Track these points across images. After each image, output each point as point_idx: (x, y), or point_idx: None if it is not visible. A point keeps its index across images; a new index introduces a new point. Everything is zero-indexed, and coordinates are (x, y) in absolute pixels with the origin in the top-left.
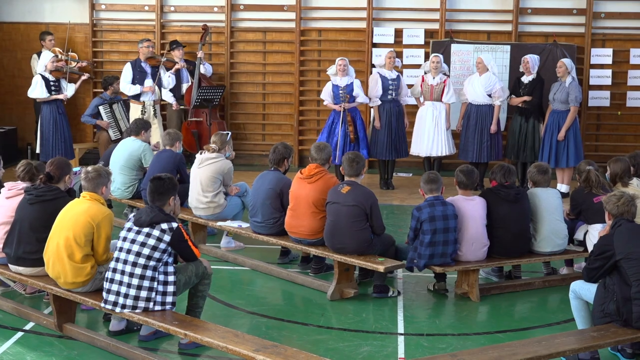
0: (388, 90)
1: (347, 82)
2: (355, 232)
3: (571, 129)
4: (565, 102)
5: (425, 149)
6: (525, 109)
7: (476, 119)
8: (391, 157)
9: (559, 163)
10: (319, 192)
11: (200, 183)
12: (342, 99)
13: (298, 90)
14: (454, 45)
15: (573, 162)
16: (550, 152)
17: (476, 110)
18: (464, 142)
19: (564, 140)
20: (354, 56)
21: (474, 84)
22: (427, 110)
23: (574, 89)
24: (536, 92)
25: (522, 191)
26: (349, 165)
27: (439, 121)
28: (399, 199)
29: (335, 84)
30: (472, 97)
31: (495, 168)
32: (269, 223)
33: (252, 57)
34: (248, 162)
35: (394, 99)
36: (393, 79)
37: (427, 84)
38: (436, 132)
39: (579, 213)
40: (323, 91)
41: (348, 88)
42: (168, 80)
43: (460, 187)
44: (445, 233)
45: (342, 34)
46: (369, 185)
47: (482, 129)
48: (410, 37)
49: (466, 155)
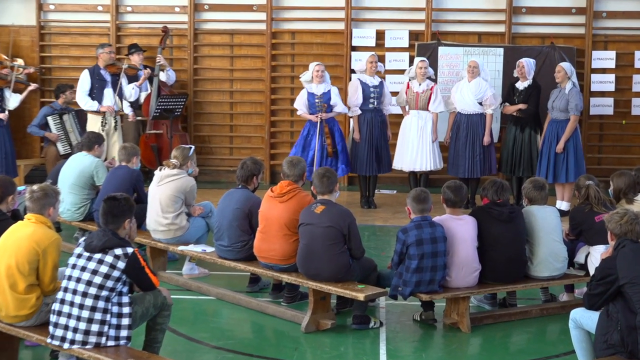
0: (369, 98)
1: (324, 89)
2: (332, 257)
3: (571, 140)
4: (564, 111)
5: (408, 162)
6: (520, 118)
7: (467, 130)
8: (372, 173)
9: (557, 178)
10: (291, 212)
11: (159, 203)
12: (318, 108)
13: (269, 99)
14: (441, 49)
15: (573, 176)
16: (549, 166)
17: (466, 120)
18: (453, 156)
19: (563, 153)
20: (331, 61)
21: (462, 91)
22: (412, 121)
23: (575, 96)
24: (532, 99)
25: (516, 209)
26: (319, 182)
27: (424, 132)
28: (382, 219)
29: (311, 91)
30: (461, 106)
31: (486, 184)
32: (237, 247)
33: (218, 62)
34: (213, 179)
35: (376, 108)
36: (375, 86)
37: (412, 92)
38: (421, 144)
39: (580, 233)
40: (297, 100)
41: (325, 96)
42: (131, 92)
43: (447, 205)
44: (434, 258)
45: (318, 37)
46: (348, 204)
47: (473, 140)
48: (393, 39)
49: (457, 170)
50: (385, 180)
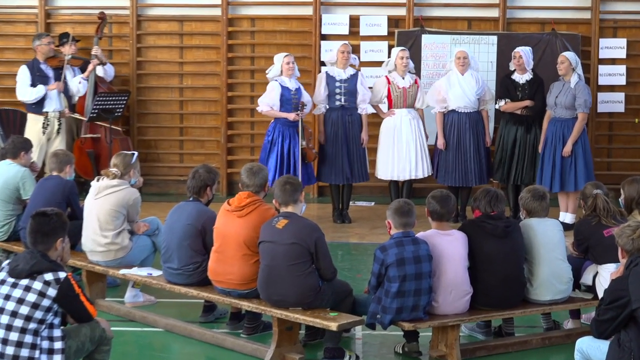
0: (335, 94)
1: (296, 84)
2: (298, 279)
3: (579, 141)
4: (570, 108)
5: (405, 170)
6: (527, 117)
7: (470, 131)
8: (343, 182)
9: (565, 186)
10: (251, 228)
11: (97, 219)
12: (294, 105)
13: (226, 97)
14: (425, 37)
15: (583, 183)
16: (554, 173)
17: (467, 120)
18: (443, 161)
19: (570, 157)
20: (297, 51)
21: (462, 86)
22: (403, 121)
23: (583, 91)
24: (539, 94)
25: (513, 223)
26: (280, 191)
27: (418, 133)
28: (358, 236)
29: (285, 85)
30: (459, 103)
31: (478, 194)
32: (188, 270)
33: (166, 53)
34: (161, 191)
35: (344, 106)
36: (343, 80)
37: (397, 87)
38: (419, 147)
39: (586, 250)
40: (267, 95)
41: (298, 92)
42: (78, 87)
43: (433, 218)
44: (418, 280)
45: (282, 23)
46: (319, 218)
47: (477, 142)
48: (369, 26)
49: (451, 178)
50: (362, 190)
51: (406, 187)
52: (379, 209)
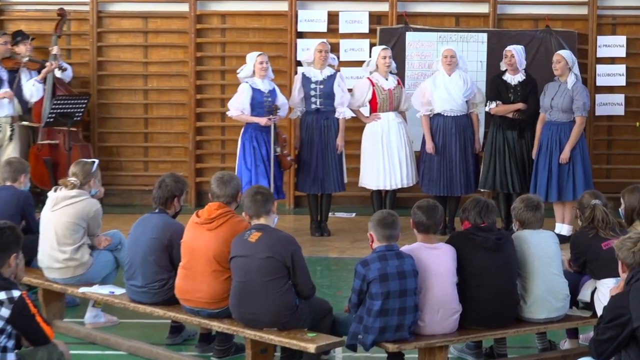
0: (311, 97)
1: (270, 86)
2: (273, 296)
3: (578, 147)
4: (567, 111)
5: (394, 178)
6: (520, 121)
7: (457, 135)
8: (318, 191)
9: (563, 195)
10: (222, 242)
11: (54, 233)
12: (267, 109)
13: (194, 99)
14: (409, 34)
15: (582, 192)
16: (550, 181)
17: (454, 124)
18: (428, 168)
19: (568, 164)
20: (271, 50)
21: (448, 87)
22: (391, 125)
23: (581, 93)
24: (532, 97)
25: (505, 235)
26: (251, 202)
27: (406, 138)
28: (338, 250)
29: (256, 87)
30: (445, 106)
31: (467, 204)
32: (153, 288)
33: (129, 53)
34: (124, 202)
35: (320, 110)
36: (319, 82)
37: (382, 89)
38: (408, 153)
39: (584, 264)
40: (237, 98)
41: (272, 94)
42: (32, 90)
43: (419, 230)
44: (402, 297)
45: (255, 20)
46: (295, 230)
47: (465, 148)
48: (349, 23)
49: (436, 186)
50: (342, 201)
51: (390, 197)
52: (361, 220)
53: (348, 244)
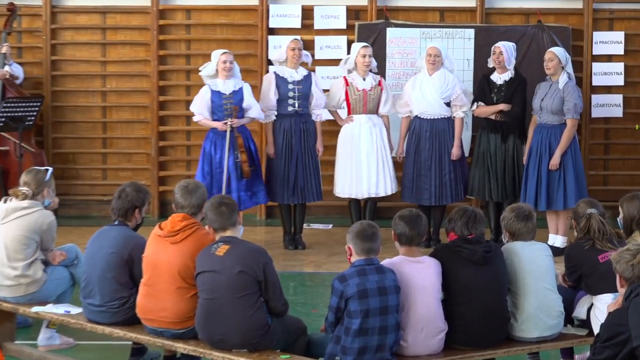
0: (288, 98)
1: (234, 87)
2: (243, 314)
3: (569, 151)
4: (558, 113)
5: (362, 186)
6: (502, 123)
7: (431, 141)
8: (298, 201)
9: (552, 203)
10: (187, 256)
11: (4, 247)
12: (227, 112)
13: (157, 102)
14: (390, 30)
15: (574, 201)
16: (539, 188)
17: (429, 128)
18: (412, 176)
19: (559, 170)
20: (241, 48)
21: (423, 88)
22: (362, 128)
23: (572, 93)
24: (517, 97)
25: (494, 248)
26: (215, 214)
27: (380, 143)
28: (313, 264)
29: (216, 89)
30: (422, 108)
31: (453, 213)
32: (113, 307)
33: (86, 51)
34: (80, 213)
35: (298, 112)
36: (297, 82)
37: (356, 89)
38: (380, 160)
39: (579, 278)
40: (195, 101)
41: (235, 96)
42: None
43: (401, 242)
44: (383, 315)
45: (223, 15)
46: (267, 244)
47: (440, 154)
48: (325, 18)
49: (418, 196)
50: (318, 211)
51: (369, 206)
52: (338, 232)
53: (324, 257)
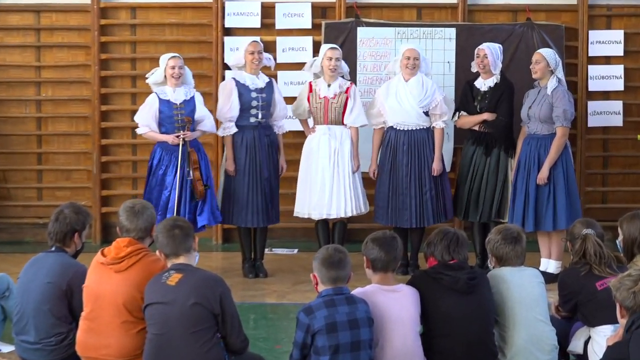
0: (250, 108)
1: (185, 95)
2: (197, 351)
3: (560, 165)
4: (547, 121)
5: (318, 205)
6: (486, 134)
7: (409, 155)
8: (259, 224)
9: (541, 224)
10: (134, 286)
11: None
12: (179, 124)
13: (99, 112)
14: (361, 30)
15: (565, 221)
16: (527, 207)
17: (406, 140)
18: (384, 195)
19: (548, 185)
20: (193, 51)
21: (400, 95)
22: (320, 141)
23: (561, 98)
24: (503, 105)
25: (479, 274)
26: (167, 238)
27: (341, 158)
28: (276, 294)
29: (165, 98)
30: (398, 118)
31: (433, 236)
32: (49, 344)
33: (17, 55)
34: (12, 238)
35: (261, 124)
36: (259, 89)
37: (318, 97)
38: (338, 177)
39: (575, 308)
40: (141, 111)
41: (187, 106)
42: None
43: (374, 269)
44: (355, 351)
45: (173, 14)
46: (224, 271)
47: (420, 169)
48: (288, 17)
49: (395, 216)
50: (281, 234)
51: (338, 228)
52: (304, 257)
53: (289, 286)
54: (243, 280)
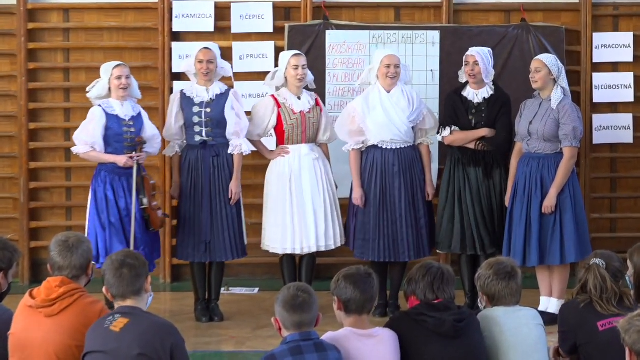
0: (193, 124)
1: (133, 110)
2: None
3: (567, 189)
4: (552, 139)
5: (307, 238)
6: (485, 153)
7: (400, 176)
8: (213, 258)
9: (546, 257)
10: (67, 332)
11: None
12: (129, 144)
13: (26, 130)
14: (331, 33)
15: (574, 254)
16: (529, 237)
17: (396, 160)
18: (362, 224)
19: (555, 214)
20: (136, 59)
21: (387, 109)
22: (303, 163)
23: (570, 114)
24: (503, 119)
25: (467, 315)
26: (115, 276)
27: (327, 181)
28: (235, 340)
29: (113, 113)
30: (385, 135)
31: (414, 272)
32: None
33: None
34: None
35: (208, 143)
36: (204, 103)
37: (292, 112)
38: (329, 202)
39: (574, 349)
40: (85, 128)
41: (137, 123)
42: None
43: (347, 310)
44: None
45: (113, 16)
46: (175, 315)
47: (412, 193)
48: (246, 19)
49: (375, 250)
50: (240, 270)
51: (307, 263)
52: (266, 298)
53: (249, 331)
54: (195, 324)
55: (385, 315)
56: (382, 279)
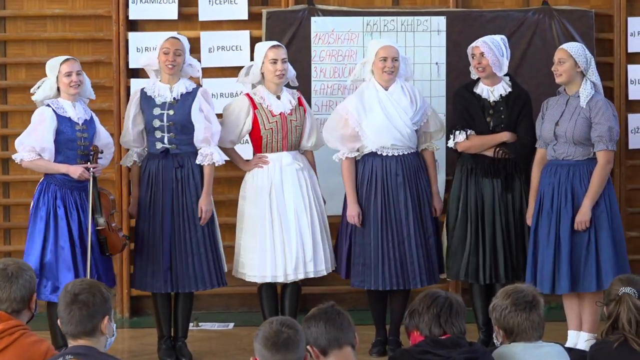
0: (154, 129)
1: (85, 113)
2: None
3: (602, 202)
4: (582, 143)
5: (291, 263)
6: (506, 161)
7: (405, 188)
8: (178, 288)
9: (579, 284)
10: None
11: None
12: (82, 152)
13: None
14: (317, 20)
15: (612, 277)
16: (558, 261)
17: (400, 169)
18: (360, 246)
19: (588, 230)
20: (85, 52)
21: (387, 109)
22: (285, 174)
23: (604, 112)
24: (525, 121)
25: (481, 353)
26: (66, 312)
27: (314, 195)
28: None
29: (65, 115)
30: (386, 140)
31: (417, 303)
32: None
33: None
34: None
35: (170, 150)
36: (166, 104)
37: (270, 114)
38: (316, 221)
39: None
40: (32, 132)
41: (90, 128)
42: None
43: (323, 350)
44: None
45: (56, 3)
46: (133, 355)
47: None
48: (215, 4)
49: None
50: (212, 303)
51: (290, 293)
52: (243, 334)
53: None
54: None
55: (384, 354)
56: (382, 310)
